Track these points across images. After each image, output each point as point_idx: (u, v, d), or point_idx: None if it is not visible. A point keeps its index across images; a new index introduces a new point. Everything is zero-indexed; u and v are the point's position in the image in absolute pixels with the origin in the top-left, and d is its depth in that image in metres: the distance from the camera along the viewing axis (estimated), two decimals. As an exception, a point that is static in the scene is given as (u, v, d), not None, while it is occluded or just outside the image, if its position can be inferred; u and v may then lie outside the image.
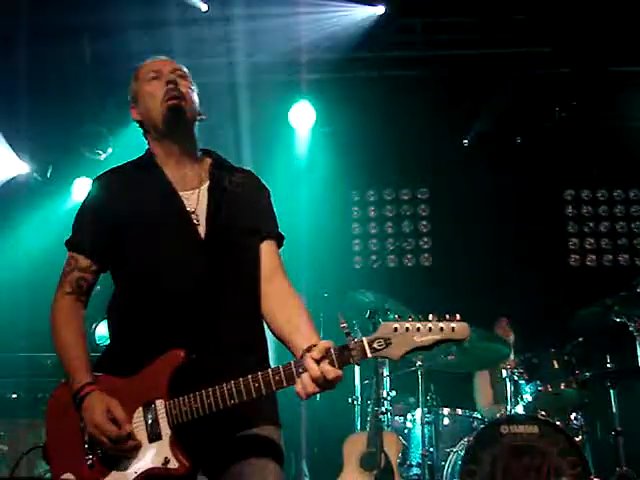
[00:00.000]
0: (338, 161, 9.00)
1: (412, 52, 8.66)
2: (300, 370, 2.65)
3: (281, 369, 2.69)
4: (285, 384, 2.68)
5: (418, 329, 2.63)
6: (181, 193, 3.04)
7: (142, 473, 2.74)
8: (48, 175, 8.84)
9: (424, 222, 9.57)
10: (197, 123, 3.17)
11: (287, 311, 2.98)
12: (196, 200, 3.03)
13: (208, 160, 3.18)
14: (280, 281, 3.08)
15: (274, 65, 8.61)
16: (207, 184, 3.08)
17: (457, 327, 2.64)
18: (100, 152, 8.66)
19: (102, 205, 3.06)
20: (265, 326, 3.07)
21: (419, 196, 9.63)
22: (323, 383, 2.61)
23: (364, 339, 2.65)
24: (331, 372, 2.60)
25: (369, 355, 2.63)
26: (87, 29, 8.02)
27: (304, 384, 2.62)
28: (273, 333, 3.00)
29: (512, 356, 7.06)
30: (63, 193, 8.59)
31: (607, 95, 8.93)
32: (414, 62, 8.76)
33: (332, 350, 2.64)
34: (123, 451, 2.76)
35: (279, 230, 3.21)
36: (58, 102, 8.26)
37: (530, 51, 8.56)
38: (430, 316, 2.66)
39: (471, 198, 9.02)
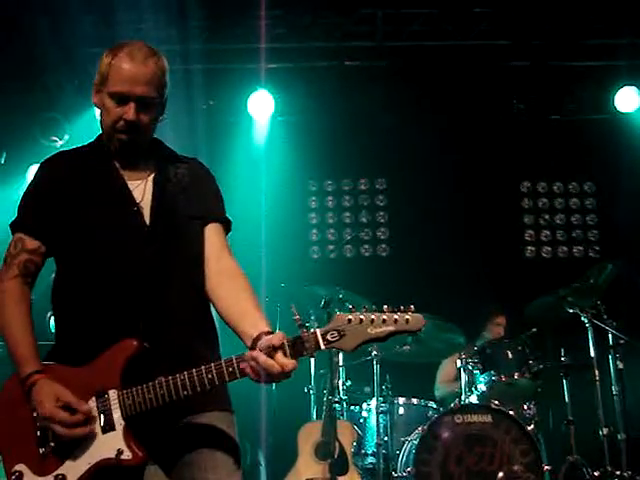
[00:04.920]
0: (296, 151, 8.98)
1: (372, 42, 8.66)
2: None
3: (234, 361, 2.66)
4: (238, 376, 2.66)
5: (372, 321, 2.59)
6: (129, 182, 3.01)
7: (95, 464, 2.72)
8: (3, 161, 8.70)
9: (382, 212, 9.60)
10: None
11: (234, 293, 2.94)
12: (142, 190, 3.00)
13: (155, 151, 3.14)
14: (227, 260, 3.04)
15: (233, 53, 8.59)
16: (153, 175, 3.06)
17: (411, 318, 2.61)
18: (56, 139, 8.57)
19: (49, 188, 3.02)
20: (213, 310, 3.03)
21: (377, 186, 9.67)
22: (279, 375, 2.60)
23: (317, 331, 2.62)
24: (289, 365, 2.58)
25: (322, 347, 2.60)
26: (44, 14, 7.90)
27: (259, 375, 2.61)
28: (219, 313, 2.96)
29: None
30: (18, 179, 8.46)
31: (564, 89, 9.03)
32: (373, 52, 8.76)
33: (285, 342, 2.61)
34: (80, 437, 2.71)
35: (226, 215, 3.16)
36: (13, 88, 8.13)
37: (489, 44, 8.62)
38: (384, 307, 2.62)
39: (428, 189, 9.06)
